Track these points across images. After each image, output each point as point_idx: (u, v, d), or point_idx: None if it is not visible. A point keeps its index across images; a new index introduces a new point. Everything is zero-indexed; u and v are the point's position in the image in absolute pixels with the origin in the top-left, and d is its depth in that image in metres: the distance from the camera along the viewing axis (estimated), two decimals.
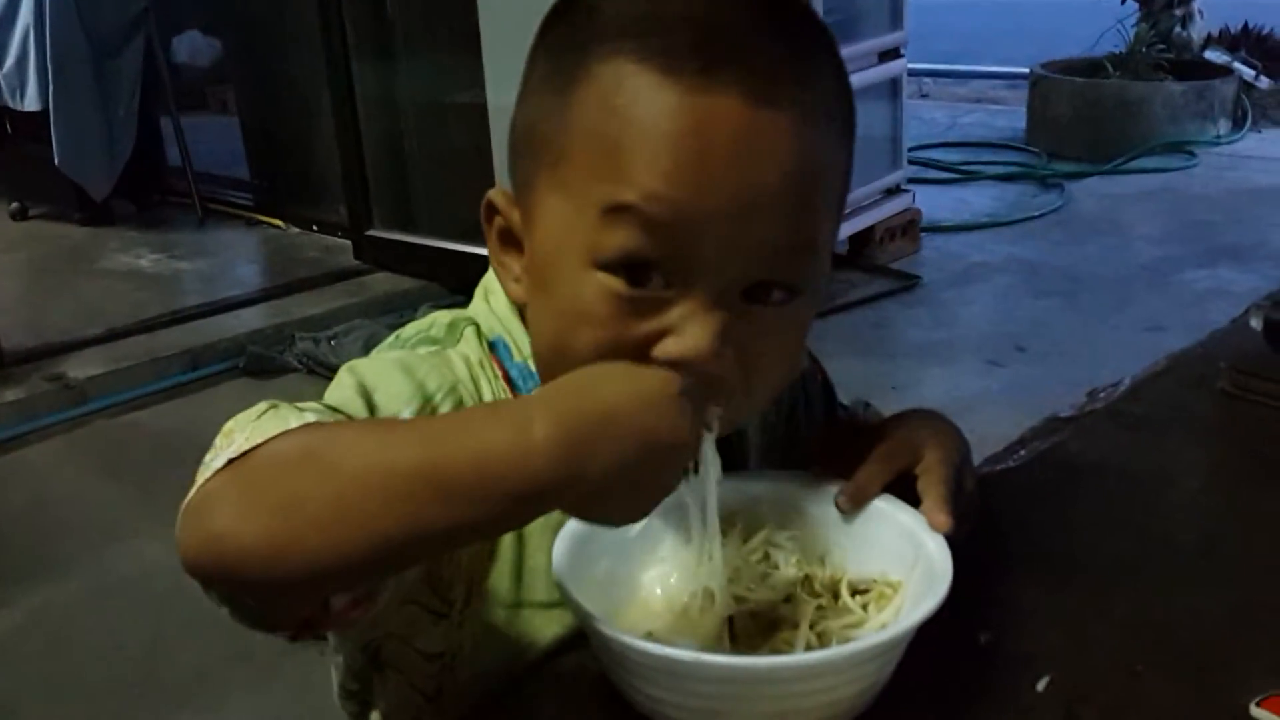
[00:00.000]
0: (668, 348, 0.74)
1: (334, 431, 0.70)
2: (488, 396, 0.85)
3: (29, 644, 2.51)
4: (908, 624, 0.73)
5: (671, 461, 0.69)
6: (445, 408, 0.82)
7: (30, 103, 4.79)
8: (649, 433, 0.67)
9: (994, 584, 0.88)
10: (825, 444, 0.96)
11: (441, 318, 0.91)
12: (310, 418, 0.70)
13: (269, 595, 0.68)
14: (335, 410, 0.76)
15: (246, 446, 0.67)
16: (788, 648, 0.78)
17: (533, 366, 0.86)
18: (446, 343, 0.87)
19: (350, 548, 0.64)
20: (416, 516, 0.64)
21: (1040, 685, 0.78)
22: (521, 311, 0.87)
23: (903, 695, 0.76)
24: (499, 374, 0.87)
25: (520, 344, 0.87)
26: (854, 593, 0.83)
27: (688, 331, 0.74)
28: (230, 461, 0.67)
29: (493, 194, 0.85)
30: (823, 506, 0.86)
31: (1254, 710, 0.74)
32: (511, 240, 0.84)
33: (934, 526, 0.81)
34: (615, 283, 0.74)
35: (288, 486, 0.66)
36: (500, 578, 0.85)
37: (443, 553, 0.79)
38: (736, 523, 0.85)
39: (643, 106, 0.73)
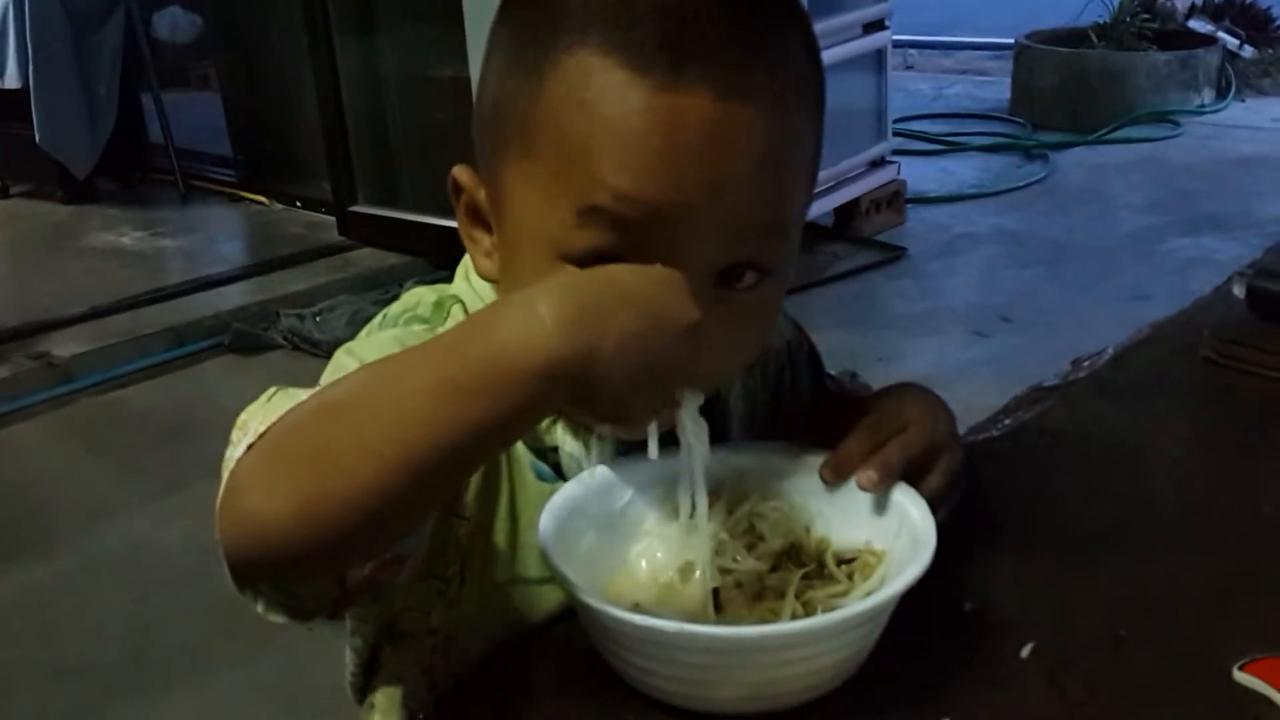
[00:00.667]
0: None
1: (343, 382, 0.69)
2: None
3: (15, 622, 2.51)
4: (891, 592, 0.73)
5: (683, 339, 0.67)
6: None
7: (10, 80, 4.75)
8: (658, 306, 0.67)
9: (977, 552, 0.89)
10: (818, 417, 0.97)
11: (427, 296, 0.90)
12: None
13: (311, 565, 0.67)
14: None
15: (263, 429, 0.66)
16: (773, 617, 0.78)
17: None
18: (434, 322, 0.87)
19: (379, 482, 0.63)
20: (439, 428, 0.63)
21: (1024, 652, 0.78)
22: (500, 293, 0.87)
23: (887, 664, 0.76)
24: None
25: None
26: (839, 562, 0.83)
27: None
28: (250, 448, 0.66)
29: (457, 172, 0.84)
30: (807, 477, 0.87)
31: (1237, 675, 0.75)
32: (480, 216, 0.84)
33: (859, 482, 0.82)
34: None
35: (308, 444, 0.65)
36: (494, 555, 0.86)
37: (475, 464, 0.73)
38: (721, 494, 0.85)
39: (611, 106, 0.73)
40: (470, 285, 0.90)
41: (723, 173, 0.73)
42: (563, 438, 0.87)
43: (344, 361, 0.81)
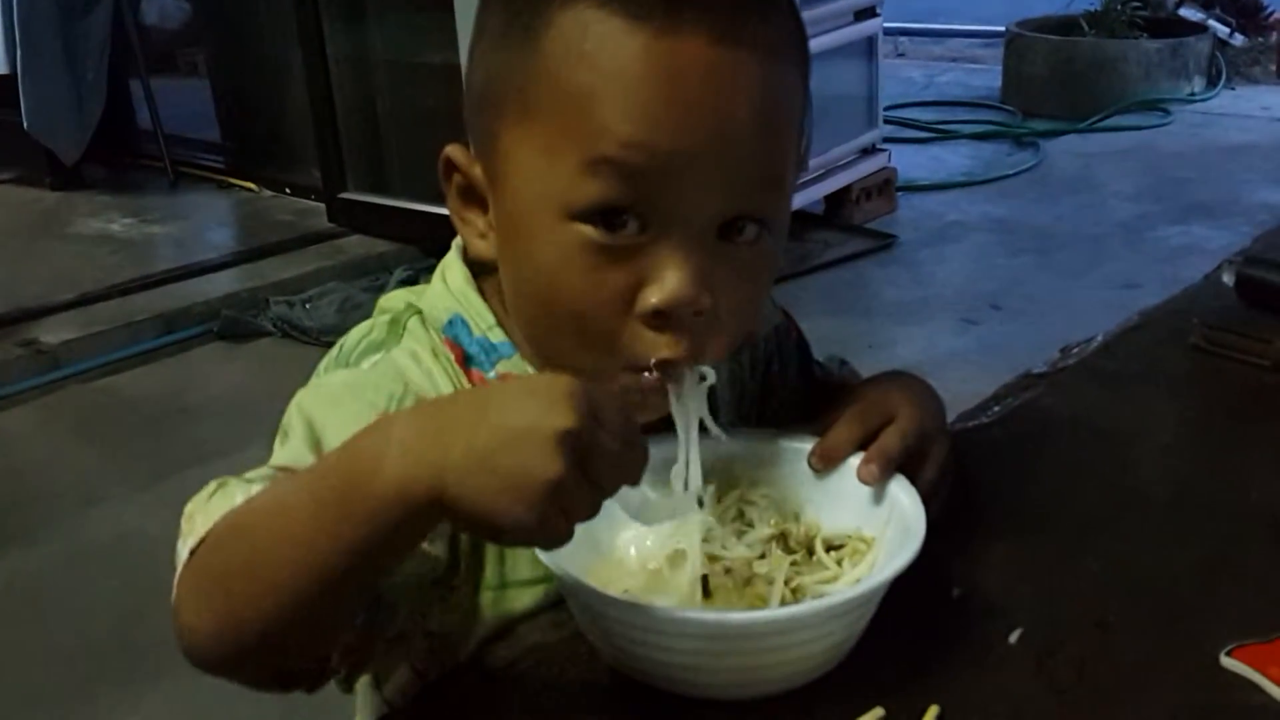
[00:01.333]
0: (649, 299, 0.75)
1: (253, 499, 0.70)
2: (444, 386, 0.84)
3: (4, 609, 2.50)
4: (881, 579, 0.73)
5: (551, 449, 0.61)
6: (406, 408, 0.80)
7: None
8: (524, 413, 0.63)
9: (966, 538, 0.89)
10: (806, 404, 0.97)
11: (391, 305, 0.89)
12: (255, 490, 0.71)
13: (244, 673, 0.71)
14: (286, 468, 0.75)
15: (202, 532, 0.69)
16: (762, 603, 0.78)
17: (493, 338, 0.85)
18: (389, 344, 0.86)
19: (278, 608, 0.66)
20: (320, 554, 0.65)
21: (1012, 638, 0.79)
22: (480, 285, 0.87)
23: (876, 649, 0.77)
24: (452, 358, 0.85)
25: (478, 317, 0.86)
26: (828, 549, 0.84)
27: (667, 277, 0.74)
28: (191, 553, 0.69)
29: (450, 150, 0.84)
30: (796, 464, 0.87)
31: (1224, 660, 0.75)
32: (473, 196, 0.84)
33: (860, 475, 0.83)
34: (592, 232, 0.74)
35: (221, 567, 0.68)
36: (485, 559, 0.85)
37: (373, 580, 0.71)
38: (710, 481, 0.85)
39: (611, 55, 0.73)
40: (447, 286, 0.89)
41: (725, 118, 0.74)
42: None
43: (293, 417, 0.81)
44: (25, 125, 4.70)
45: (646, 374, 0.77)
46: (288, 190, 4.86)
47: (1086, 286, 3.81)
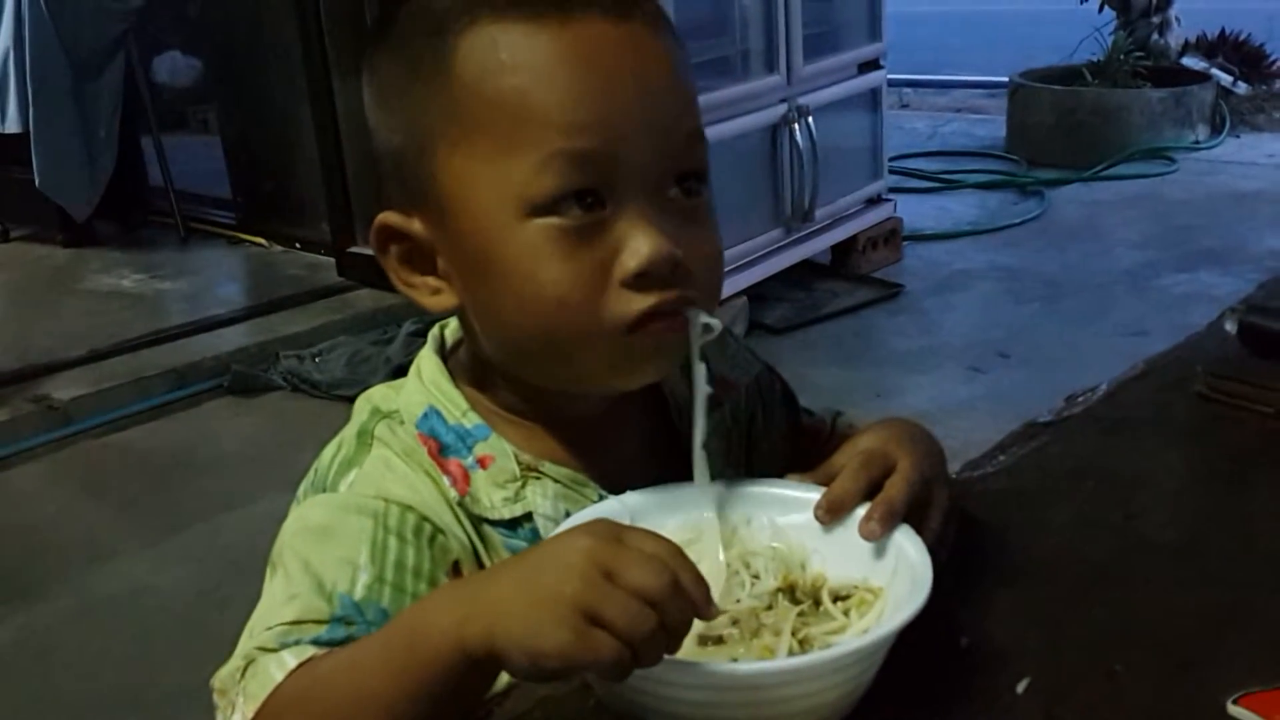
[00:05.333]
0: (627, 266, 0.79)
1: (325, 661, 0.74)
2: (421, 487, 0.85)
3: (14, 664, 2.50)
4: (889, 629, 0.73)
5: (565, 562, 0.67)
6: (393, 525, 0.82)
7: (11, 125, 4.77)
8: (545, 549, 0.70)
9: (974, 587, 0.89)
10: (800, 450, 0.97)
11: (349, 430, 0.90)
12: (288, 660, 0.75)
13: None
14: (300, 624, 0.78)
15: (256, 705, 0.74)
16: (770, 654, 0.78)
17: (467, 423, 0.87)
18: (358, 459, 0.87)
19: None
20: (390, 708, 0.70)
21: (1020, 687, 0.79)
22: (451, 371, 0.90)
23: (885, 698, 0.76)
24: (426, 451, 0.87)
25: (452, 405, 0.88)
26: (835, 599, 0.84)
27: (638, 241, 0.79)
28: None
29: (383, 218, 0.86)
30: (801, 515, 0.87)
31: (1231, 708, 0.75)
32: (414, 259, 0.86)
33: (862, 533, 0.83)
34: (555, 221, 0.79)
35: None
36: None
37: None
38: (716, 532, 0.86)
39: (528, 56, 0.79)
40: (421, 381, 0.91)
41: (644, 85, 0.80)
42: (535, 500, 0.87)
43: (285, 556, 0.83)
44: (37, 183, 4.74)
45: (653, 321, 0.80)
46: (298, 245, 4.89)
47: (1094, 334, 3.81)
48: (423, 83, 0.81)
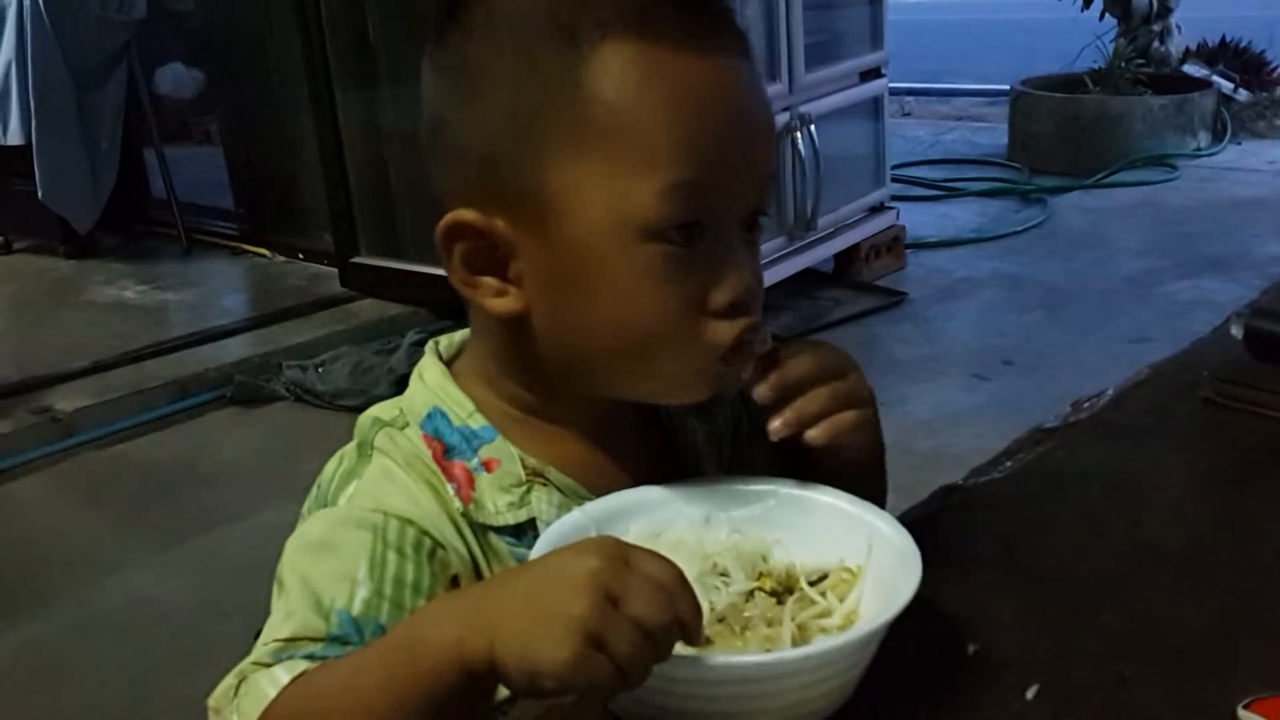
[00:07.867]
0: (721, 300, 0.82)
1: (318, 673, 0.73)
2: (421, 496, 0.84)
3: (16, 677, 2.50)
4: (898, 605, 0.72)
5: (571, 583, 0.66)
6: (392, 539, 0.81)
7: (13, 137, 4.78)
8: (549, 564, 0.69)
9: (981, 594, 0.88)
10: (779, 457, 0.97)
11: (351, 444, 0.90)
12: (281, 675, 0.74)
13: None
14: (296, 640, 0.77)
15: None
16: (770, 645, 0.77)
17: (473, 424, 0.87)
18: (359, 469, 0.86)
19: None
20: (397, 715, 0.69)
21: (1029, 694, 0.78)
22: (455, 375, 0.90)
23: (892, 706, 0.76)
24: (430, 455, 0.86)
25: (458, 407, 0.88)
26: (811, 583, 0.83)
27: (732, 275, 0.82)
28: None
29: (459, 214, 0.82)
30: (757, 506, 0.87)
31: (1241, 714, 0.75)
32: (481, 259, 0.83)
33: (756, 394, 0.84)
34: (663, 248, 0.80)
35: None
36: None
37: None
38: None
39: (668, 83, 0.79)
40: (424, 383, 0.90)
41: (754, 125, 0.83)
42: (540, 507, 0.86)
43: (287, 573, 0.82)
44: (40, 195, 4.75)
45: (742, 347, 0.83)
46: (300, 255, 4.90)
47: (1097, 341, 3.81)
48: (542, 85, 0.79)
